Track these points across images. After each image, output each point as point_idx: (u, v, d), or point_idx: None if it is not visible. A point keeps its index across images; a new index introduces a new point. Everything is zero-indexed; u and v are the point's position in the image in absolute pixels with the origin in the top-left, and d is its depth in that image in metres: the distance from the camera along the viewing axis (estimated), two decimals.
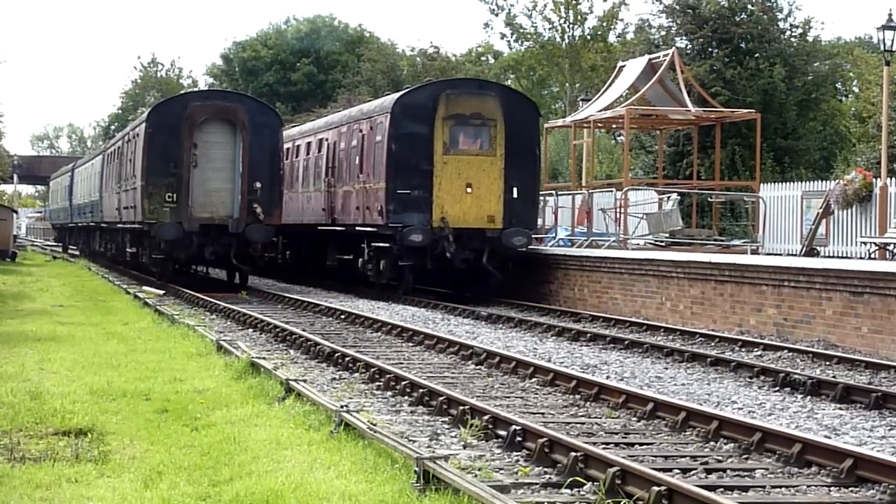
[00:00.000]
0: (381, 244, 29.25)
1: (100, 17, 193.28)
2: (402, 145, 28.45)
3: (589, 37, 58.43)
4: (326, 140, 35.32)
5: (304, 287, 35.37)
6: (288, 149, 38.85)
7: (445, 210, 28.03)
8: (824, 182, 30.48)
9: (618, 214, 31.17)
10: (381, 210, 28.53)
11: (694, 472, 10.16)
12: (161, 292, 31.99)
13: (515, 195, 28.43)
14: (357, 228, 31.02)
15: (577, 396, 14.31)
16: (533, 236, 29.70)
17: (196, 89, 68.83)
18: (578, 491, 9.37)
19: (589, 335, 21.13)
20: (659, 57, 34.58)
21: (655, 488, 8.73)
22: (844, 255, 25.62)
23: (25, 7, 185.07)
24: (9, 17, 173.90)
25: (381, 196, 28.66)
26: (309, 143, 38.02)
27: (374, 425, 11.09)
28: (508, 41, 56.62)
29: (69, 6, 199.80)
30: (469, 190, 28.25)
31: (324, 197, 34.71)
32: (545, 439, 10.63)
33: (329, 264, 35.33)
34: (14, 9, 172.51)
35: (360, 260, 31.05)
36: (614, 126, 40.10)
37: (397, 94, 31.52)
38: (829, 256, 24.97)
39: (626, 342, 20.09)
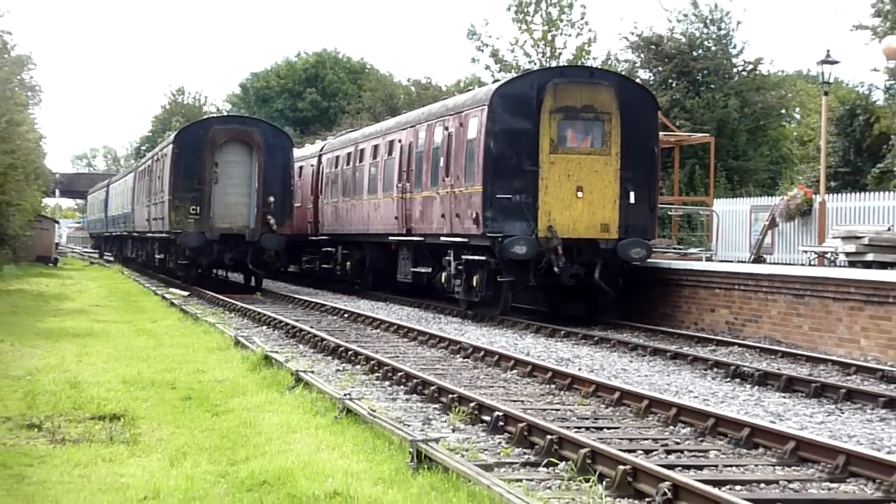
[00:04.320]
0: (474, 257, 23.27)
1: (134, 51, 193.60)
2: (502, 143, 22.30)
3: None
4: (399, 141, 28.61)
5: (312, 289, 35.33)
6: (349, 154, 34.10)
7: (553, 217, 21.89)
8: (770, 198, 30.55)
9: None
10: (475, 218, 22.52)
11: (655, 452, 10.20)
12: (185, 293, 31.98)
13: (632, 200, 22.35)
14: (442, 239, 24.79)
15: (553, 386, 14.34)
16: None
17: (217, 115, 68.63)
18: (554, 469, 9.39)
19: (563, 332, 21.13)
20: None
21: (621, 467, 8.75)
22: (788, 262, 25.65)
23: (67, 41, 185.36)
24: (52, 50, 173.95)
25: (475, 202, 22.60)
26: (376, 146, 31.09)
27: (374, 411, 11.10)
28: (493, 73, 56.56)
29: (107, 41, 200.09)
30: (580, 194, 22.09)
31: (396, 204, 28.20)
32: (524, 424, 10.65)
33: (401, 278, 29.13)
34: (57, 42, 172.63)
35: (444, 274, 25.24)
36: None
37: (496, 84, 25.28)
38: (774, 263, 24.99)
39: (596, 338, 20.11)
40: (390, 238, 28.84)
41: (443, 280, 25.31)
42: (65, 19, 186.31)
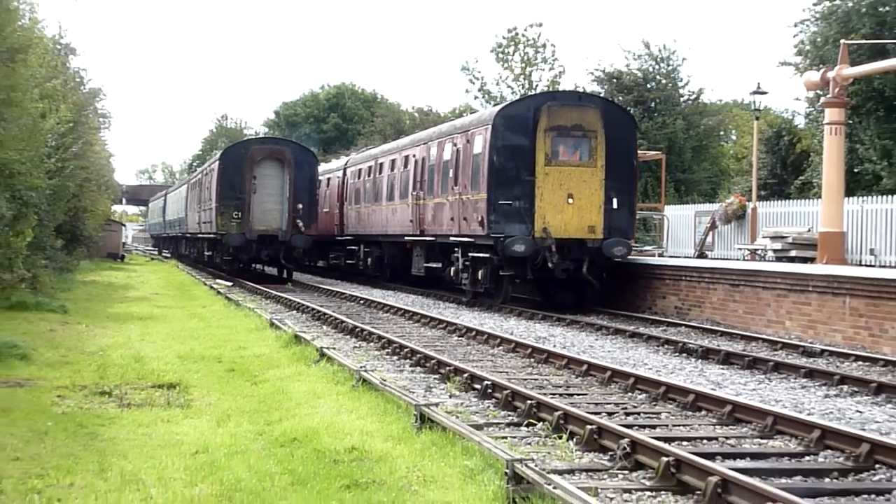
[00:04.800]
0: (479, 254, 22.93)
1: (187, 84, 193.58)
2: (503, 157, 21.97)
3: None
4: (413, 156, 28.21)
5: (335, 280, 35.31)
6: (370, 167, 33.39)
7: (547, 220, 21.60)
8: (711, 204, 30.48)
9: None
10: (481, 221, 22.16)
11: (617, 414, 10.22)
12: (229, 284, 31.98)
13: (615, 206, 22.05)
14: (451, 238, 24.37)
15: (532, 360, 14.35)
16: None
17: (255, 136, 68.58)
18: (533, 428, 9.41)
19: (540, 315, 21.12)
20: None
21: (589, 427, 8.77)
22: (726, 257, 25.64)
23: (132, 75, 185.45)
24: (120, 83, 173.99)
25: (480, 207, 22.27)
26: (393, 160, 30.56)
27: (385, 381, 11.12)
28: (482, 103, 56.61)
29: (165, 75, 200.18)
30: (570, 201, 21.80)
31: (411, 209, 27.79)
32: (509, 391, 10.67)
33: (415, 272, 28.45)
34: (124, 76, 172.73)
35: (452, 269, 24.85)
36: None
37: (498, 107, 24.77)
38: (714, 258, 24.99)
39: (567, 321, 20.09)
40: (406, 238, 28.45)
41: (451, 274, 24.90)
42: (130, 57, 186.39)
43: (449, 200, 24.55)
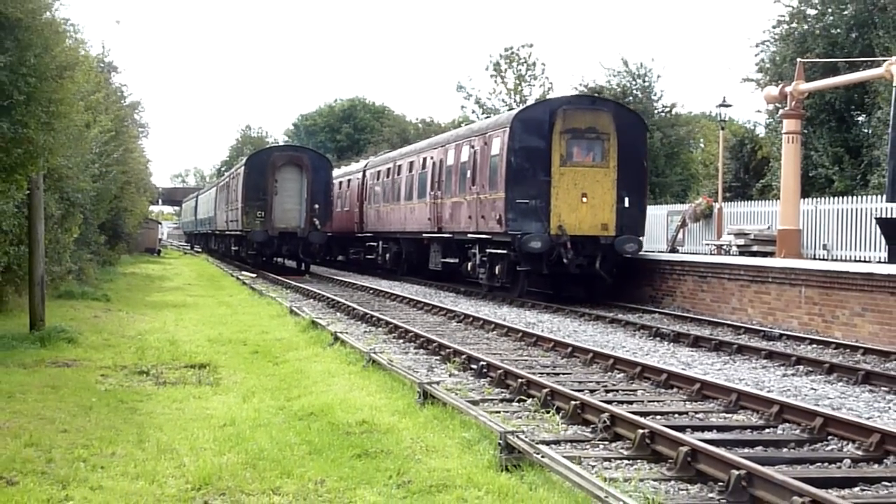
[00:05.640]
0: (497, 250, 21.90)
1: (215, 98, 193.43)
2: (520, 158, 20.85)
3: None
4: (431, 158, 26.99)
5: (348, 272, 35.30)
6: (388, 169, 32.22)
7: (562, 218, 20.58)
8: (682, 205, 30.44)
9: None
10: (499, 219, 21.09)
11: (598, 391, 10.22)
12: (254, 275, 31.96)
13: (627, 204, 20.99)
14: (469, 235, 23.27)
15: (523, 343, 14.35)
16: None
17: (276, 144, 68.50)
18: (523, 404, 9.40)
19: (530, 304, 21.13)
20: None
21: (573, 402, 8.76)
22: (695, 252, 25.62)
23: (167, 89, 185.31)
24: (157, 96, 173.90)
25: (498, 205, 21.15)
26: (412, 163, 29.29)
27: (392, 362, 11.12)
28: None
29: (196, 90, 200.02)
30: (584, 200, 20.73)
31: (429, 208, 26.57)
32: (502, 370, 10.67)
33: (432, 267, 27.28)
34: (160, 90, 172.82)
35: (469, 264, 23.84)
36: None
37: (515, 111, 23.44)
38: (684, 253, 24.97)
39: (554, 308, 20.12)
40: (424, 235, 27.34)
41: (469, 268, 23.94)
42: (166, 74, 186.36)
43: (467, 199, 23.59)
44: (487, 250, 22.50)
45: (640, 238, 21.46)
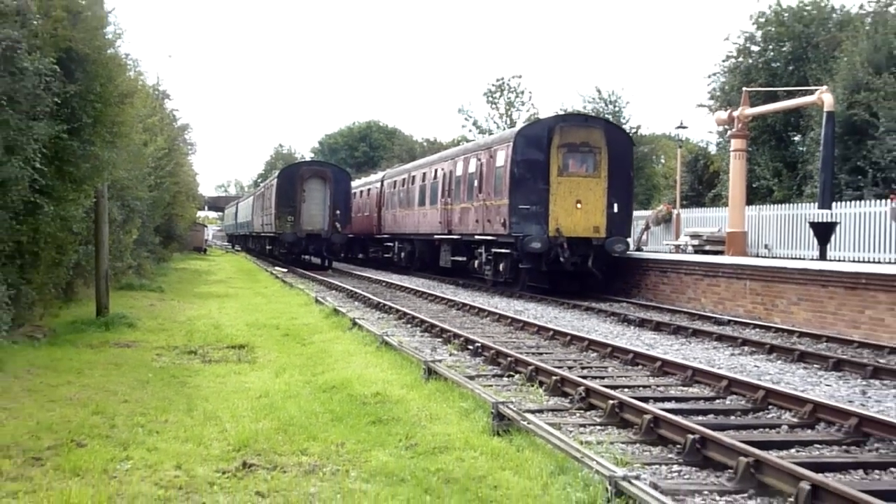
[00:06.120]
0: (501, 250, 21.35)
1: (253, 120, 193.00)
2: (522, 169, 20.24)
3: None
4: (442, 169, 26.38)
5: (365, 268, 35.26)
6: (404, 179, 31.30)
7: (559, 222, 20.07)
8: (646, 211, 30.40)
9: None
10: (503, 222, 20.51)
11: (574, 368, 10.19)
12: (285, 270, 31.91)
13: (616, 210, 20.40)
14: (476, 237, 22.65)
15: (512, 327, 14.33)
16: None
17: (304, 160, 68.44)
18: (512, 378, 9.39)
19: (517, 294, 21.08)
20: None
21: (554, 377, 8.76)
22: (657, 251, 25.59)
23: (212, 113, 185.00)
24: (203, 118, 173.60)
25: (503, 211, 20.53)
26: (424, 173, 28.60)
27: (401, 343, 11.10)
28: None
29: (236, 114, 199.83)
30: (578, 206, 20.21)
31: (440, 212, 25.91)
32: (494, 350, 10.65)
33: (442, 265, 26.61)
34: (206, 113, 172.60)
35: (476, 262, 23.25)
36: None
37: (517, 128, 22.84)
38: (648, 252, 24.94)
39: (538, 298, 20.08)
40: (435, 236, 26.62)
41: (475, 266, 23.36)
42: (211, 100, 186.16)
43: (474, 205, 22.93)
44: (493, 250, 22.09)
45: (628, 239, 21.01)
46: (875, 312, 13.96)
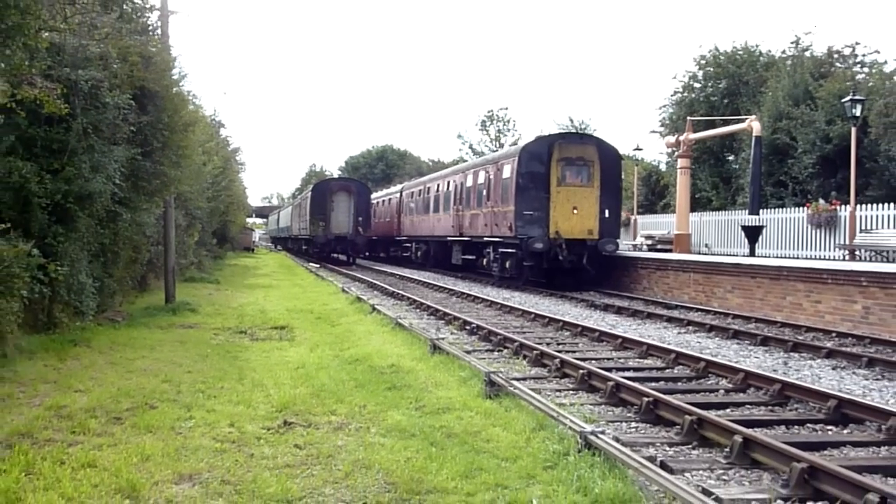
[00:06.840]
0: (507, 250, 20.42)
1: (292, 144, 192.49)
2: (526, 179, 19.38)
3: None
4: (454, 181, 25.40)
5: (384, 264, 35.20)
6: (420, 189, 30.00)
7: (558, 225, 19.24)
8: None
9: None
10: (509, 226, 19.66)
11: (551, 344, 10.13)
12: (317, 266, 31.82)
13: (607, 215, 19.56)
14: (485, 239, 21.67)
15: (501, 311, 14.29)
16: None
17: (332, 177, 68.32)
18: (501, 353, 9.36)
19: (505, 284, 21.00)
20: None
21: (535, 352, 8.73)
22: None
23: (257, 138, 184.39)
24: (251, 142, 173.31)
25: (509, 216, 19.71)
26: (438, 185, 27.45)
27: (412, 324, 11.08)
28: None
29: (275, 138, 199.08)
30: (575, 211, 19.34)
31: (452, 218, 24.93)
32: (486, 330, 10.62)
33: (454, 262, 25.52)
34: (252, 137, 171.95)
35: (484, 260, 22.24)
36: None
37: (521, 144, 21.31)
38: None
39: (523, 288, 19.95)
40: (448, 238, 25.56)
41: (483, 263, 22.41)
42: (257, 127, 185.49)
43: (483, 212, 21.99)
44: (500, 250, 21.18)
45: (617, 240, 19.92)
46: (794, 298, 13.95)
